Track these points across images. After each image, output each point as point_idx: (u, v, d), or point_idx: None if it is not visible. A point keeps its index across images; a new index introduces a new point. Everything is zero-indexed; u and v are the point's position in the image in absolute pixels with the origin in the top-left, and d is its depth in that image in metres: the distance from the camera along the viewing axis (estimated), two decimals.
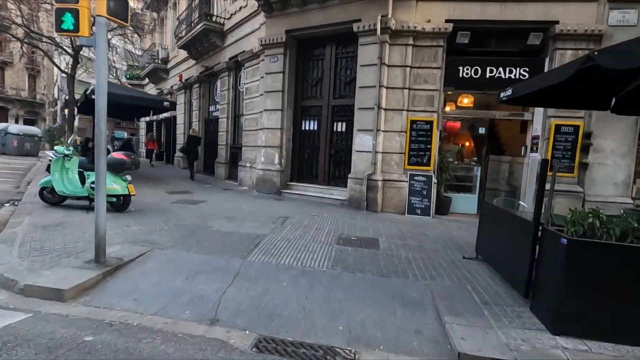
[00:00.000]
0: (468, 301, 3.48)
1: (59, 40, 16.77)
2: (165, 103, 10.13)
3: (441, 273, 4.17)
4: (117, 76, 28.52)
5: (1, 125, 19.22)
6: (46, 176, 6.32)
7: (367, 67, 7.68)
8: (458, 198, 8.18)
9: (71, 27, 3.44)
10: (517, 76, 7.45)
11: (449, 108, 8.41)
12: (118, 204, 6.15)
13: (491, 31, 7.53)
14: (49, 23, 19.30)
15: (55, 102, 35.97)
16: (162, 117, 19.91)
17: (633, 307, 2.77)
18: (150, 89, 21.91)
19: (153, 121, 21.86)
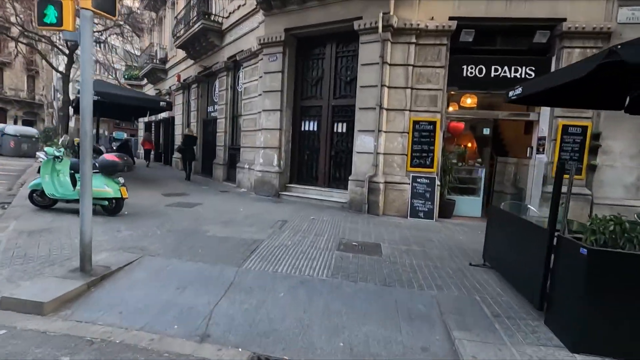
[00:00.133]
0: (478, 314, 3.25)
1: (55, 39, 16.55)
2: (161, 103, 9.91)
3: (448, 282, 3.94)
4: (116, 77, 28.32)
5: None
6: (36, 178, 6.10)
7: (369, 66, 7.46)
8: (462, 201, 7.96)
9: (54, 21, 3.22)
10: (523, 75, 7.22)
11: (452, 108, 8.19)
12: (110, 208, 5.92)
13: (496, 29, 7.31)
14: None
15: (52, 103, 35.80)
16: (161, 118, 19.72)
17: None
18: (148, 90, 21.71)
19: (151, 122, 21.66)
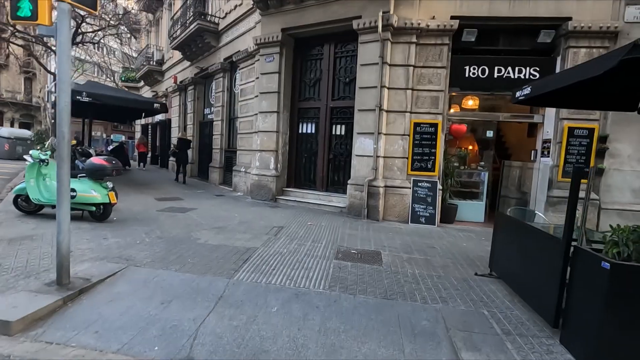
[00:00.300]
0: (487, 331, 2.99)
1: (47, 40, 16.28)
2: (155, 105, 9.69)
3: (453, 294, 3.69)
4: (114, 80, 28.12)
5: None
6: (21, 182, 5.84)
7: (368, 67, 7.23)
8: (464, 205, 7.72)
9: (28, 14, 2.97)
10: (527, 76, 7.01)
11: (453, 110, 7.97)
12: (98, 214, 5.66)
13: (499, 28, 7.10)
14: None
15: (47, 105, 35.54)
16: (158, 120, 19.50)
17: None
18: (145, 92, 21.49)
19: (148, 124, 21.42)
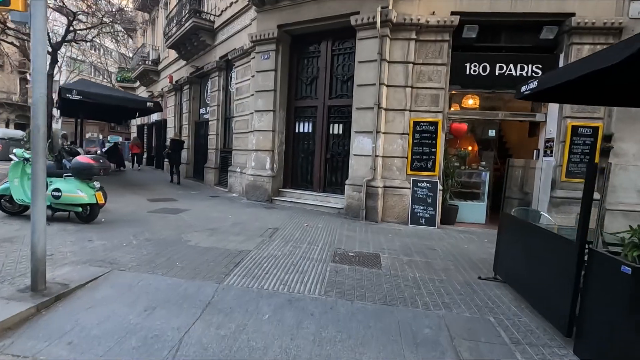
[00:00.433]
0: (494, 340, 2.78)
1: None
2: (148, 104, 9.46)
3: (456, 299, 3.48)
4: (110, 80, 27.88)
5: None
6: (5, 182, 5.60)
7: (366, 64, 7.04)
8: (465, 206, 7.52)
9: None
10: (529, 73, 6.83)
11: (453, 109, 7.79)
12: (84, 215, 5.42)
13: (501, 25, 6.93)
14: None
15: None
16: (153, 121, 19.26)
17: None
18: (141, 92, 21.24)
19: (144, 125, 21.18)
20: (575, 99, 4.28)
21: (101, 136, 34.10)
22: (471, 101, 7.98)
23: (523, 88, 3.91)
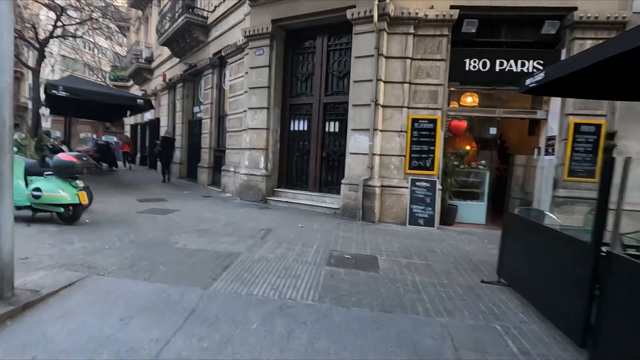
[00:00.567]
0: (502, 351, 2.56)
1: (26, 33, 15.62)
2: (139, 101, 9.17)
3: (459, 305, 3.25)
4: (104, 79, 27.51)
5: None
6: None
7: (363, 59, 6.82)
8: (464, 206, 7.32)
9: None
10: (530, 69, 6.64)
11: (452, 106, 7.58)
12: (67, 215, 5.15)
13: (501, 19, 6.74)
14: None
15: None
16: (147, 120, 18.94)
17: None
18: (135, 91, 20.90)
19: (137, 124, 20.84)
20: (582, 93, 4.08)
21: (95, 135, 33.70)
22: (470, 99, 7.78)
23: (528, 81, 3.72)
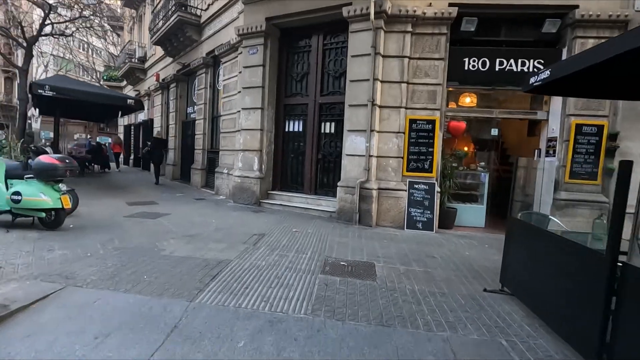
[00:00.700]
0: None
1: (13, 31, 15.26)
2: (129, 101, 8.91)
3: (462, 317, 3.06)
4: (98, 79, 27.17)
5: None
6: None
7: (359, 58, 6.63)
8: (463, 209, 7.14)
9: None
10: (531, 69, 6.49)
11: (450, 106, 7.41)
12: (49, 221, 4.90)
13: (501, 17, 6.57)
14: None
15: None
16: (140, 121, 18.65)
17: None
18: (128, 91, 20.61)
19: (131, 125, 20.55)
20: (587, 92, 3.90)
21: (89, 136, 33.35)
22: (468, 99, 7.61)
23: (532, 79, 3.54)
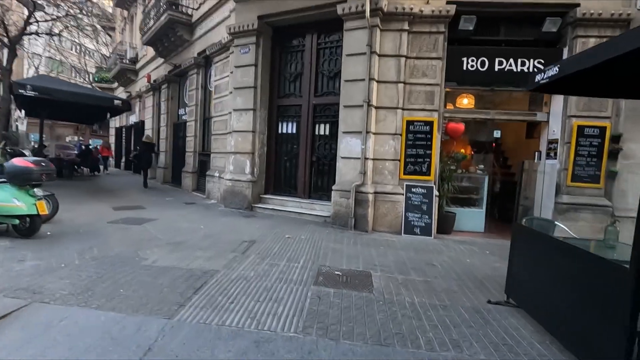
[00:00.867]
0: None
1: None
2: (116, 102, 8.60)
3: (466, 334, 2.80)
4: (89, 80, 26.74)
5: None
6: None
7: (354, 57, 6.40)
8: (462, 213, 6.92)
9: None
10: (531, 69, 6.30)
11: (448, 107, 7.21)
12: (23, 228, 4.58)
13: (500, 16, 6.39)
14: None
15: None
16: (132, 123, 18.29)
17: None
18: (119, 93, 20.24)
19: (122, 127, 20.16)
20: (595, 90, 3.69)
21: (81, 138, 32.87)
22: (466, 100, 7.41)
23: (538, 77, 3.32)
